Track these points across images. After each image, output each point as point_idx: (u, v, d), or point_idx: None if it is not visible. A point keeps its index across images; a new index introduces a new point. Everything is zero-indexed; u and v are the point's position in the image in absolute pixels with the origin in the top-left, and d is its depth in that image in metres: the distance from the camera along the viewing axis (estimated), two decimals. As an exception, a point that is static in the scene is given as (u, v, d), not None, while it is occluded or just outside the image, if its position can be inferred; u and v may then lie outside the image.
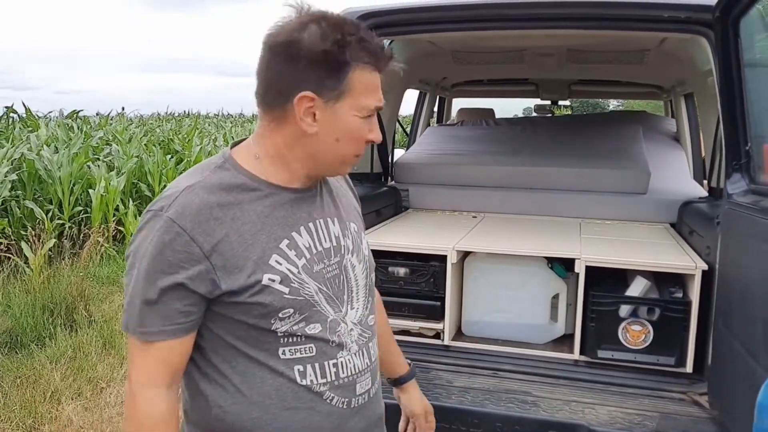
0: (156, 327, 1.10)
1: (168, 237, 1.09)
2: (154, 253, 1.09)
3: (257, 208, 1.15)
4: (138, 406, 1.12)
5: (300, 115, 1.12)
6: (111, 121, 12.05)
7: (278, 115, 1.15)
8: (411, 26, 2.70)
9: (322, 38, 1.08)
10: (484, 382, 2.37)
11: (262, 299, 1.12)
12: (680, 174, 3.72)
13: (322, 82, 1.10)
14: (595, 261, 2.44)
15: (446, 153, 3.95)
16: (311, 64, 1.09)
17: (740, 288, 1.94)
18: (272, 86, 1.14)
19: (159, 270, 1.09)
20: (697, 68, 3.06)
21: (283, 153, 1.17)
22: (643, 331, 2.39)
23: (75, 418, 3.30)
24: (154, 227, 1.10)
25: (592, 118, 5.71)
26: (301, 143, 1.15)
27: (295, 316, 1.15)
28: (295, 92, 1.11)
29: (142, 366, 1.13)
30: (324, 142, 1.15)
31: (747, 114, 2.05)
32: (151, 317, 1.10)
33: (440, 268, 2.59)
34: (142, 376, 1.13)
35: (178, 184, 1.15)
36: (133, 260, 1.13)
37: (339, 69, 1.10)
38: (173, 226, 1.09)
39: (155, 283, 1.09)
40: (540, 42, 3.27)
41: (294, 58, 1.09)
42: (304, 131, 1.13)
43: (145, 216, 1.14)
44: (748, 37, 2.02)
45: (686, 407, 2.20)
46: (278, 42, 1.12)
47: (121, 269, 6.25)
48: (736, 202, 2.06)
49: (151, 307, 1.10)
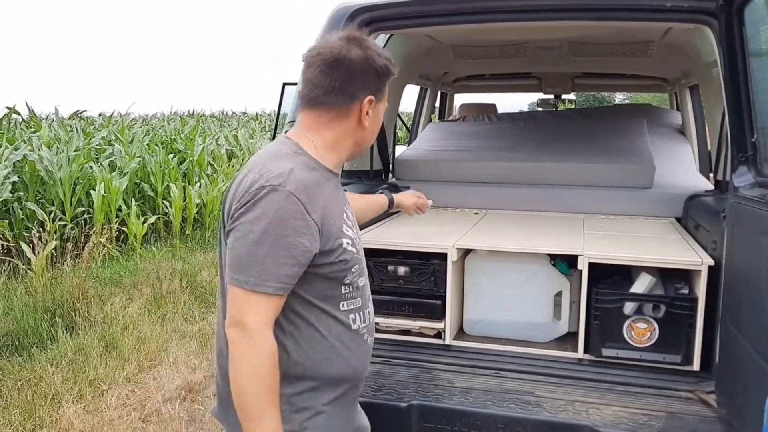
0: (277, 282, 1.39)
1: (291, 207, 1.39)
2: (279, 220, 1.38)
3: (327, 188, 1.51)
4: (258, 342, 1.39)
5: (364, 112, 1.52)
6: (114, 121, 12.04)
7: (342, 112, 1.52)
8: (409, 20, 2.66)
9: (379, 56, 1.51)
10: (486, 382, 2.33)
11: (344, 257, 1.50)
12: (686, 167, 3.67)
13: (378, 88, 1.54)
14: (598, 257, 2.39)
15: (447, 149, 3.91)
16: (375, 75, 1.51)
17: (748, 283, 1.89)
18: (340, 90, 1.49)
19: (284, 235, 1.37)
20: (701, 59, 3.01)
21: (339, 141, 1.55)
22: (649, 328, 2.35)
23: (76, 421, 3.27)
24: (276, 198, 1.38)
25: (595, 113, 5.65)
26: (353, 134, 1.55)
27: (357, 270, 1.56)
28: (362, 95, 1.51)
29: (261, 312, 1.40)
30: (368, 132, 1.58)
31: (753, 105, 2.00)
32: (275, 275, 1.38)
33: (441, 266, 2.55)
34: (261, 323, 1.40)
35: (278, 166, 1.43)
36: (254, 227, 1.38)
37: (387, 78, 1.55)
38: (292, 197, 1.39)
39: (281, 246, 1.37)
40: (541, 35, 3.22)
41: (360, 69, 1.49)
42: (362, 124, 1.54)
43: (262, 190, 1.39)
44: (753, 26, 1.97)
45: (693, 406, 2.15)
46: (342, 56, 1.48)
47: (123, 270, 6.24)
48: (742, 195, 2.01)
49: (275, 267, 1.38)
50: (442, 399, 2.20)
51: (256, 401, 1.40)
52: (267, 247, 1.37)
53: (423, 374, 2.41)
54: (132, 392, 3.70)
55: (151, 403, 3.54)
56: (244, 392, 1.40)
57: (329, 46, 1.51)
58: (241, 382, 1.40)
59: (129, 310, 5.08)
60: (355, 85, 1.50)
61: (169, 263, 6.50)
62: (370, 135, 1.60)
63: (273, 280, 1.38)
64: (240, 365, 1.40)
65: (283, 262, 1.38)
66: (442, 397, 2.22)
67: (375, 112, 1.55)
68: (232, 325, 1.41)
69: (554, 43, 3.57)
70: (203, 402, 3.58)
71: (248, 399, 1.40)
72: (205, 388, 3.75)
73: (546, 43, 3.57)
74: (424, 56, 3.71)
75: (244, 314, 1.39)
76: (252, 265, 1.38)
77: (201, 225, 8.44)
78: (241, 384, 1.40)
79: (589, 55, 3.90)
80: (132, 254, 6.83)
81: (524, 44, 3.63)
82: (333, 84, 1.49)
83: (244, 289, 1.39)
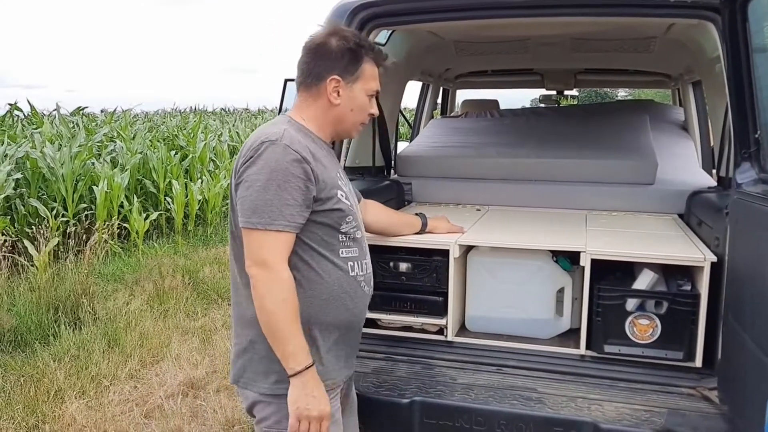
0: (286, 221, 1.61)
1: (289, 157, 1.61)
2: (280, 169, 1.60)
3: (318, 148, 1.74)
4: (280, 274, 1.62)
5: (330, 91, 1.73)
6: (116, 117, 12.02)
7: (314, 92, 1.76)
8: (411, 16, 2.65)
9: (346, 41, 1.73)
10: (488, 379, 2.33)
11: (339, 206, 1.72)
12: (688, 164, 3.66)
13: (345, 69, 1.73)
14: (600, 254, 2.38)
15: (449, 145, 3.90)
16: (339, 57, 1.72)
17: (750, 280, 1.88)
18: (310, 73, 1.74)
19: (285, 180, 1.59)
20: (704, 55, 2.99)
21: (319, 118, 1.77)
22: (651, 325, 2.34)
23: (78, 417, 3.29)
24: (275, 150, 1.61)
25: (598, 108, 5.63)
26: (330, 112, 1.77)
27: (352, 222, 1.77)
28: (327, 75, 1.72)
29: (276, 249, 1.62)
30: (344, 111, 1.77)
31: (756, 101, 1.99)
32: (283, 214, 1.60)
33: (443, 262, 2.55)
34: (278, 257, 1.62)
35: (274, 129, 1.67)
36: (259, 176, 1.60)
37: (356, 61, 1.74)
38: (289, 149, 1.62)
39: (284, 190, 1.59)
40: (543, 30, 3.21)
41: (326, 53, 1.72)
42: (332, 103, 1.75)
43: (261, 145, 1.62)
44: (756, 22, 1.96)
45: (695, 403, 2.15)
46: (315, 44, 1.74)
47: (126, 266, 6.25)
48: (745, 191, 2.01)
49: (281, 207, 1.59)
50: (444, 395, 2.21)
51: (286, 324, 1.61)
52: (273, 192, 1.59)
53: (425, 370, 2.41)
54: (134, 388, 3.71)
55: (153, 398, 3.56)
56: (275, 318, 1.61)
57: (312, 36, 1.77)
58: (271, 309, 1.60)
59: (131, 306, 5.09)
60: (319, 67, 1.73)
61: (171, 259, 6.51)
62: (347, 113, 1.78)
63: (281, 219, 1.60)
64: (267, 296, 1.60)
65: (287, 203, 1.60)
66: (444, 393, 2.22)
67: (347, 92, 1.75)
68: (254, 265, 1.62)
69: (557, 39, 3.56)
70: (205, 398, 3.59)
71: (279, 323, 1.61)
72: (207, 384, 3.76)
73: (548, 39, 3.55)
74: (426, 52, 3.70)
75: (263, 253, 1.61)
76: (262, 208, 1.59)
77: (203, 221, 8.44)
78: (271, 311, 1.60)
79: (592, 51, 3.89)
80: (134, 250, 6.85)
81: (526, 40, 3.61)
82: (307, 67, 1.76)
83: (259, 230, 1.60)
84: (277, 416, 1.72)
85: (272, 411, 1.73)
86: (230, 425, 3.30)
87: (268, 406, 1.74)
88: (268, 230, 1.60)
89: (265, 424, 1.76)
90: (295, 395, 1.64)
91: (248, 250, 1.64)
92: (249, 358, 1.75)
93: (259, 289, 1.61)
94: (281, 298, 1.61)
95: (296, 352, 1.63)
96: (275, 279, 1.61)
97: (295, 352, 1.63)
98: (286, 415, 1.67)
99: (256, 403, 1.76)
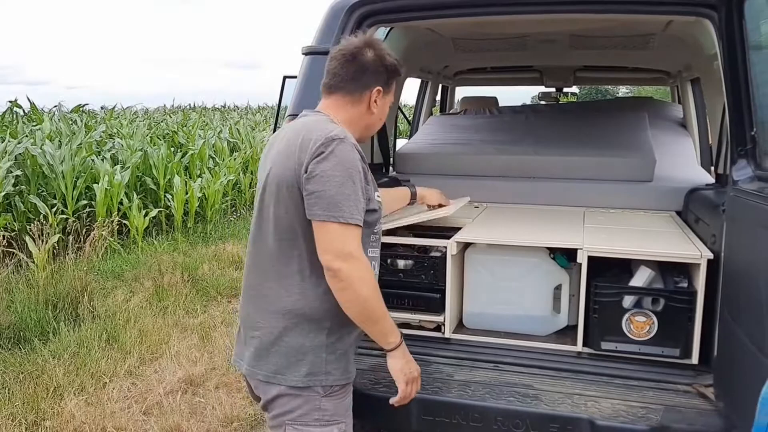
0: (360, 216, 1.68)
1: (356, 156, 1.70)
2: (352, 167, 1.67)
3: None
4: (366, 263, 1.69)
5: (372, 100, 1.84)
6: (116, 114, 12.03)
7: (355, 98, 1.84)
8: (408, 13, 2.64)
9: (387, 55, 1.84)
10: (485, 375, 2.34)
11: (376, 206, 1.80)
12: (687, 161, 3.66)
13: (386, 82, 1.86)
14: (597, 251, 2.39)
15: (448, 143, 3.90)
16: (384, 70, 1.84)
17: (746, 277, 1.89)
18: (352, 79, 1.82)
19: (357, 176, 1.68)
20: (702, 52, 2.99)
21: (354, 122, 1.85)
22: (648, 322, 2.35)
23: (77, 414, 3.29)
24: (345, 149, 1.68)
25: (596, 106, 5.63)
26: (363, 117, 1.87)
27: (380, 222, 1.89)
28: (373, 86, 1.83)
29: (357, 240, 1.68)
30: (375, 118, 1.90)
31: (753, 98, 1.99)
32: (359, 209, 1.67)
33: (440, 259, 2.55)
34: (359, 247, 1.68)
35: (331, 126, 1.73)
36: (335, 172, 1.65)
37: (394, 76, 1.88)
38: (355, 149, 1.71)
39: (358, 186, 1.68)
40: (542, 27, 3.20)
41: (369, 65, 1.82)
42: (371, 110, 1.86)
43: (332, 142, 1.67)
44: (753, 19, 1.96)
45: (692, 399, 2.15)
46: (354, 53, 1.82)
47: (125, 263, 6.26)
48: (741, 188, 2.01)
49: (357, 203, 1.67)
50: (441, 392, 2.21)
51: (379, 305, 1.72)
52: (350, 187, 1.66)
53: (422, 367, 2.36)
54: (133, 385, 3.72)
55: (152, 395, 3.56)
56: (372, 302, 1.70)
57: (350, 44, 1.85)
58: (367, 295, 1.68)
59: (130, 303, 5.10)
60: (366, 77, 1.82)
61: (170, 256, 6.51)
62: (377, 121, 1.92)
63: (358, 213, 1.67)
64: (361, 284, 1.66)
65: (360, 199, 1.68)
66: (441, 390, 2.23)
67: (382, 103, 1.87)
68: (337, 257, 1.65)
69: (555, 36, 3.55)
70: (204, 395, 3.59)
71: (374, 305, 1.70)
72: (206, 380, 3.77)
73: (547, 36, 3.55)
74: (424, 49, 3.70)
75: (347, 245, 1.66)
76: (344, 202, 1.65)
77: (203, 218, 8.45)
78: (368, 296, 1.68)
79: (591, 48, 3.89)
80: (134, 247, 6.85)
81: (525, 37, 3.61)
82: (349, 74, 1.82)
83: (341, 223, 1.65)
84: (304, 409, 1.75)
85: (298, 404, 1.75)
86: (229, 422, 3.31)
87: (294, 399, 1.75)
88: (349, 224, 1.65)
89: (288, 417, 1.76)
90: (400, 365, 1.80)
91: (328, 243, 1.66)
92: (276, 351, 1.76)
93: (353, 279, 1.66)
94: (373, 284, 1.71)
95: (392, 327, 1.78)
96: (364, 268, 1.68)
97: (392, 327, 1.78)
98: (311, 408, 1.73)
99: (280, 396, 1.76)
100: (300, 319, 1.74)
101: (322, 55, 2.54)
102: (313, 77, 2.54)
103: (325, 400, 1.75)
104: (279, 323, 1.75)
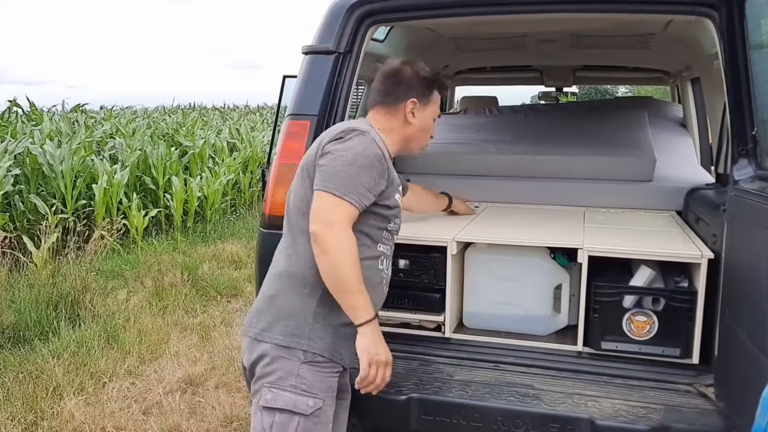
0: (358, 198, 1.76)
1: (374, 149, 1.82)
2: (365, 155, 1.79)
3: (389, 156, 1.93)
4: (346, 233, 1.75)
5: (407, 111, 1.96)
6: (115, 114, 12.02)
7: (392, 109, 1.97)
8: (408, 12, 2.64)
9: (422, 70, 1.99)
10: (485, 375, 2.33)
11: (393, 204, 1.90)
12: (687, 160, 3.65)
13: (422, 93, 1.98)
14: (598, 251, 2.39)
15: (448, 142, 3.89)
16: (419, 83, 1.97)
17: (747, 277, 1.89)
18: (389, 94, 1.97)
19: (368, 166, 1.78)
20: (703, 52, 2.99)
21: (394, 132, 1.98)
22: (648, 321, 2.34)
23: (77, 413, 3.29)
24: (364, 140, 1.81)
25: (596, 105, 5.63)
26: (401, 129, 1.98)
27: (398, 222, 1.98)
28: (406, 98, 1.96)
29: (344, 215, 1.75)
30: (415, 129, 2.00)
31: (753, 98, 1.99)
32: (357, 190, 1.76)
33: (440, 259, 2.55)
34: (344, 221, 1.75)
35: (361, 124, 1.90)
36: (346, 153, 1.78)
37: (432, 89, 2.00)
38: (375, 144, 1.83)
39: (363, 173, 1.77)
40: (542, 27, 3.20)
41: (406, 79, 1.96)
42: (408, 122, 1.97)
43: (352, 132, 1.82)
44: (754, 19, 1.96)
45: (692, 399, 2.15)
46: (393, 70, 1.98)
47: (125, 263, 6.25)
48: (742, 188, 2.00)
49: (357, 185, 1.75)
50: (441, 392, 2.20)
51: (352, 276, 1.74)
52: (355, 169, 1.76)
53: (422, 367, 2.41)
54: (133, 384, 3.71)
55: (152, 395, 3.56)
56: (343, 271, 1.73)
57: (390, 64, 2.02)
58: (338, 263, 1.73)
59: (130, 303, 5.09)
60: (400, 90, 1.96)
61: (170, 256, 6.51)
62: (418, 132, 2.01)
63: (354, 194, 1.75)
64: (334, 251, 1.72)
65: (363, 184, 1.77)
66: (441, 390, 2.22)
67: (421, 113, 1.98)
68: (320, 223, 1.73)
69: (555, 36, 3.55)
70: (204, 394, 3.59)
71: (347, 275, 1.74)
72: (206, 380, 3.77)
73: (547, 36, 3.55)
74: (424, 49, 3.69)
75: (332, 215, 1.74)
76: (343, 178, 1.75)
77: (202, 218, 8.44)
78: (338, 264, 1.73)
79: (591, 48, 3.88)
80: (133, 247, 6.84)
81: (525, 37, 3.61)
82: (386, 89, 1.98)
83: (335, 195, 1.74)
84: (282, 372, 1.80)
85: (278, 366, 1.80)
86: (229, 421, 3.31)
87: (274, 362, 1.80)
88: (342, 198, 1.74)
89: (267, 379, 1.82)
90: (366, 343, 1.79)
91: (317, 210, 1.76)
92: (268, 309, 1.86)
93: (331, 247, 1.72)
94: (349, 255, 1.73)
95: (364, 303, 1.78)
96: (343, 238, 1.73)
97: (364, 303, 1.78)
98: (289, 373, 1.79)
99: (264, 356, 1.82)
100: (294, 282, 1.84)
101: (322, 54, 2.55)
102: (313, 77, 2.54)
103: (305, 367, 1.79)
104: (276, 283, 1.87)
